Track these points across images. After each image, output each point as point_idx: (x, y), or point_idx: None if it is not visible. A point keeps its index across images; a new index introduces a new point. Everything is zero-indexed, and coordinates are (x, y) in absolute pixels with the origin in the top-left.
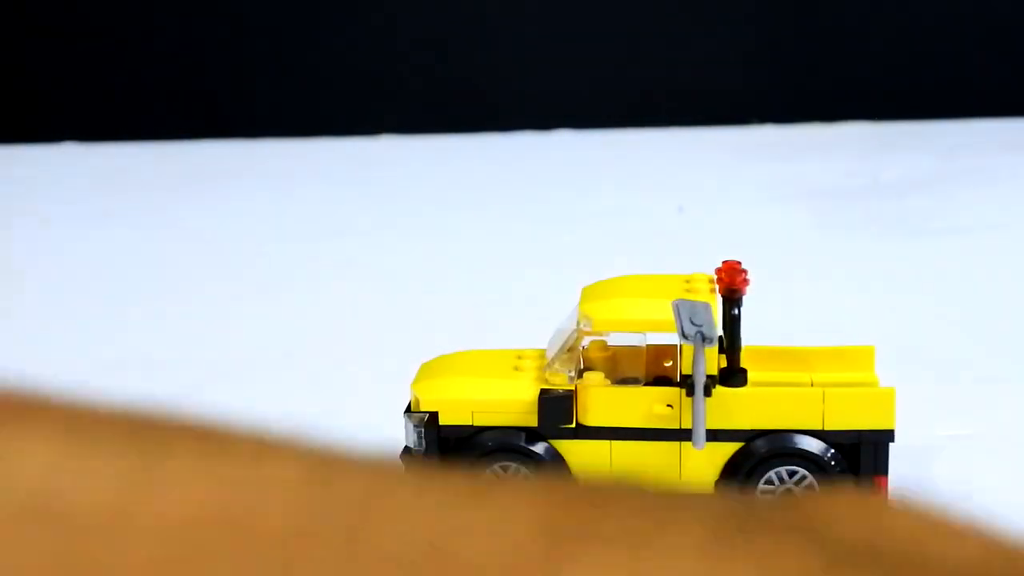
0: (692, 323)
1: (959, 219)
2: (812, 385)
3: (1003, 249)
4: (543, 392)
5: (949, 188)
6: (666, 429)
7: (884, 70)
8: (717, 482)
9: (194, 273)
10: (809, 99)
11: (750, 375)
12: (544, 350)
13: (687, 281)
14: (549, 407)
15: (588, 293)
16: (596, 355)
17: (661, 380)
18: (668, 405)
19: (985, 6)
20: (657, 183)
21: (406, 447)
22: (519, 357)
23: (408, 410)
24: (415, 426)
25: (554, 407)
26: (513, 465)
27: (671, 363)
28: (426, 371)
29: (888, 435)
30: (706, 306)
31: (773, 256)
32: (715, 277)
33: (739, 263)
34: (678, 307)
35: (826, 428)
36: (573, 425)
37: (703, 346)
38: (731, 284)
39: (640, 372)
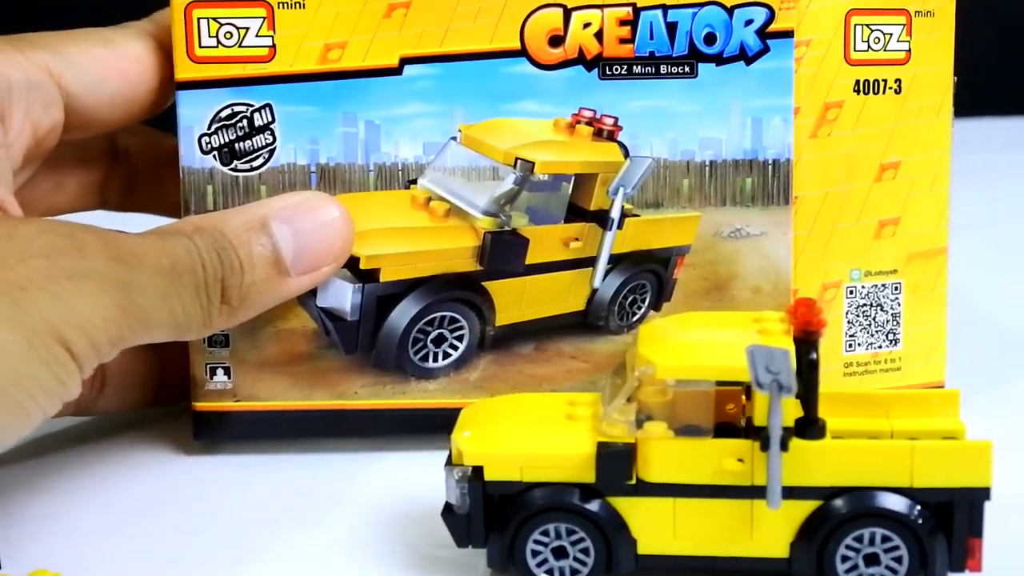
0: (768, 371)
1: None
2: (894, 435)
3: None
4: (601, 445)
5: None
6: (737, 486)
7: None
8: (793, 544)
9: None
10: None
11: (828, 425)
12: (599, 395)
13: (756, 320)
14: (608, 462)
15: (648, 334)
16: (655, 400)
17: (726, 427)
18: (739, 460)
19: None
20: None
21: (447, 504)
22: (571, 403)
23: (449, 462)
24: (457, 481)
25: (614, 462)
26: (566, 526)
27: (734, 407)
28: (470, 419)
29: (984, 493)
30: (785, 353)
31: None
32: (787, 317)
33: (814, 301)
34: (753, 353)
35: (915, 486)
36: (633, 482)
37: (779, 396)
38: (807, 324)
39: (706, 419)
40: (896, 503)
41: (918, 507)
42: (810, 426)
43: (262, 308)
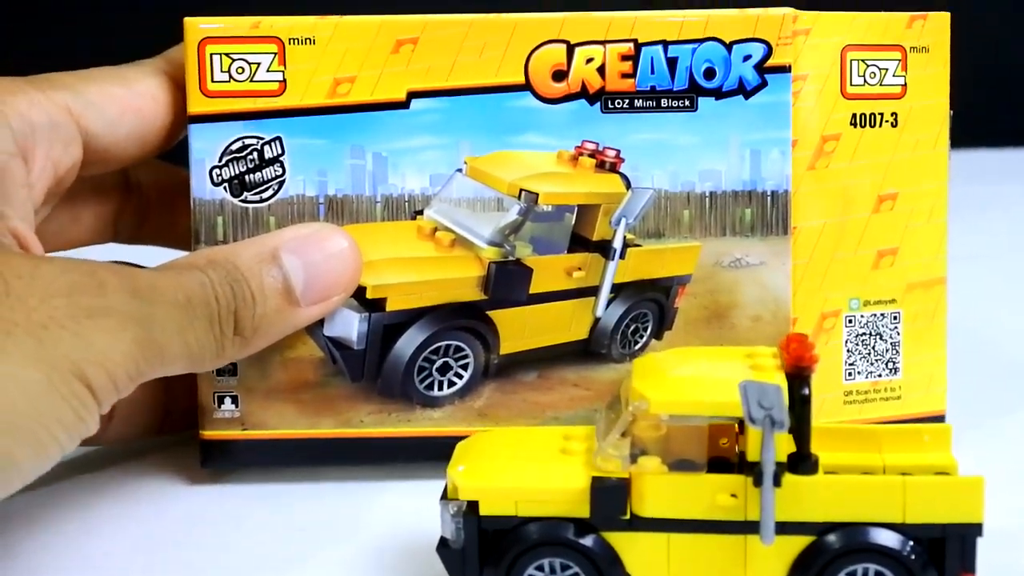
0: (761, 406)
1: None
2: (886, 470)
3: None
4: (595, 480)
5: None
6: (730, 521)
7: None
8: None
9: None
10: None
11: (821, 460)
12: (593, 429)
13: (749, 356)
14: (603, 497)
15: (641, 369)
16: (649, 435)
17: (720, 462)
18: (732, 495)
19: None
20: None
21: (442, 538)
22: (566, 438)
23: (444, 497)
24: (452, 516)
25: (608, 497)
26: (560, 560)
27: (727, 442)
28: (464, 453)
29: (976, 529)
30: (777, 388)
31: None
32: (779, 352)
33: (806, 336)
34: (746, 389)
35: (907, 521)
36: (627, 516)
37: (772, 431)
38: (799, 360)
39: (700, 454)
40: (889, 539)
41: (911, 542)
42: (803, 461)
43: (274, 338)
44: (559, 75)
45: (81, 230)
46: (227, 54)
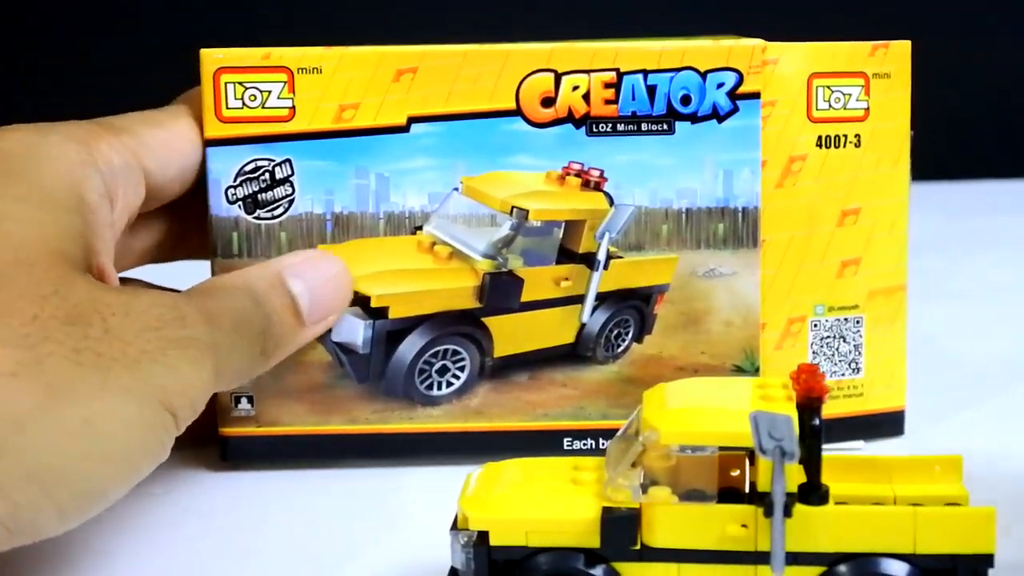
0: (771, 437)
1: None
2: (896, 500)
3: None
4: (606, 511)
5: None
6: (741, 552)
7: None
8: None
9: None
10: None
11: (831, 490)
12: (603, 459)
13: (760, 386)
14: (613, 527)
15: (651, 400)
16: (659, 464)
17: (730, 492)
18: (743, 525)
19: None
20: None
21: (452, 568)
22: (576, 468)
23: (454, 527)
24: (463, 546)
25: (618, 527)
26: None
27: (738, 472)
28: (474, 483)
29: (987, 560)
30: (788, 419)
31: None
32: (790, 382)
33: (816, 367)
34: (756, 419)
35: (918, 552)
36: (638, 547)
37: (783, 462)
38: (809, 391)
39: (710, 485)
40: (899, 569)
41: (921, 573)
42: (813, 492)
43: (285, 355)
44: (547, 101)
45: (132, 259)
46: (240, 83)
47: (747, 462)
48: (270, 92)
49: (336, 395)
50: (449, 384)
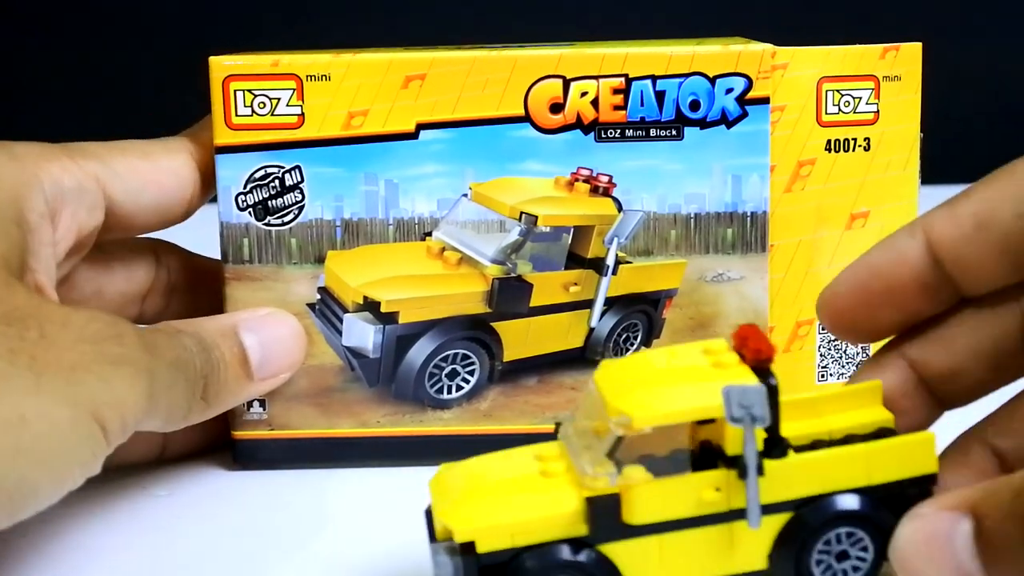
0: (741, 406)
1: None
2: (832, 434)
3: None
4: (590, 500)
5: None
6: (716, 513)
7: None
8: (771, 555)
9: None
10: None
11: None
12: (561, 443)
13: (705, 352)
14: (600, 513)
15: (608, 382)
16: (628, 445)
17: (703, 448)
18: (716, 489)
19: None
20: None
21: None
22: (539, 458)
23: (433, 539)
24: (450, 559)
25: (605, 512)
26: None
27: (704, 433)
28: (442, 491)
29: (932, 479)
30: (760, 390)
31: None
32: (731, 343)
33: (756, 327)
34: (728, 393)
35: (872, 483)
36: (619, 526)
37: (753, 427)
38: (758, 353)
39: (682, 442)
40: (859, 503)
41: (877, 502)
42: (775, 446)
43: (227, 407)
44: (556, 107)
45: (104, 305)
46: (250, 90)
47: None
48: (279, 99)
49: (347, 399)
50: (459, 388)
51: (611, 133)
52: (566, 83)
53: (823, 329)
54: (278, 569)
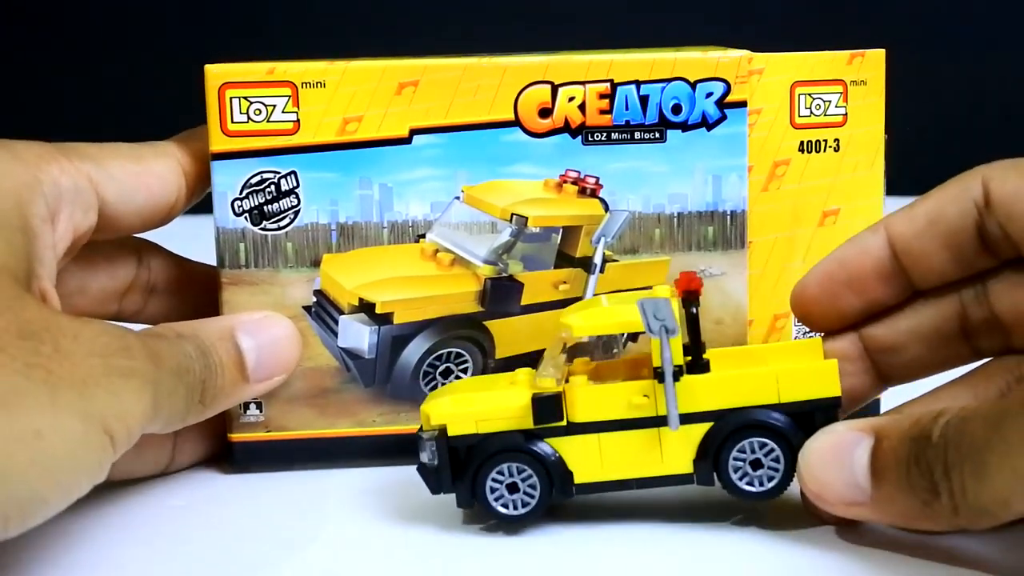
0: (656, 318)
1: None
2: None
3: None
4: (535, 395)
5: None
6: (646, 417)
7: None
8: (695, 461)
9: None
10: None
11: (715, 367)
12: (533, 369)
13: (651, 293)
14: (542, 406)
15: (568, 310)
16: (581, 369)
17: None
18: (644, 395)
19: None
20: None
21: (419, 462)
22: (514, 375)
23: (420, 430)
24: (426, 441)
25: (546, 405)
26: (516, 465)
27: (646, 372)
28: (433, 396)
29: (836, 401)
30: (666, 301)
31: None
32: (674, 286)
33: (694, 272)
34: (643, 305)
35: (782, 401)
36: (564, 423)
37: (668, 337)
38: (688, 287)
39: (619, 377)
40: (769, 416)
41: (787, 417)
42: (698, 365)
43: (222, 409)
44: (545, 112)
45: (87, 301)
46: (245, 97)
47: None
48: (275, 106)
49: (343, 399)
50: None
51: (598, 136)
52: (554, 89)
53: (798, 321)
54: (287, 569)
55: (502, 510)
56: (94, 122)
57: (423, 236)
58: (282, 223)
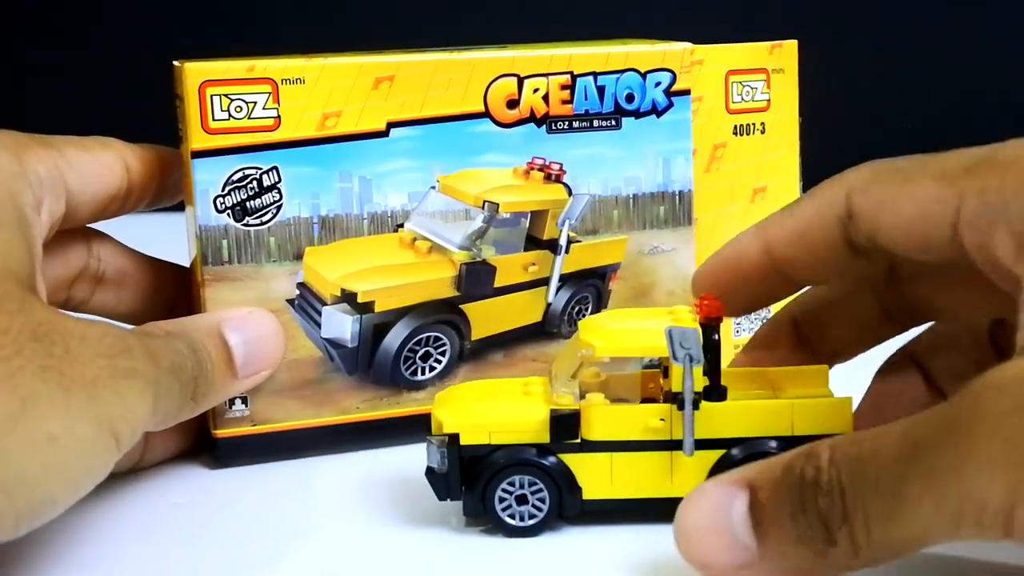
0: (682, 346)
1: None
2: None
3: None
4: (553, 411)
5: None
6: (659, 440)
7: None
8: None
9: None
10: None
11: (731, 393)
12: (547, 378)
13: (670, 313)
14: (560, 424)
15: (587, 325)
16: (592, 381)
17: (649, 400)
18: (661, 419)
19: None
20: None
21: (428, 467)
22: (526, 384)
23: (429, 433)
24: (437, 447)
25: (564, 424)
26: (527, 478)
27: (654, 386)
28: (444, 399)
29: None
30: (695, 332)
31: None
32: (694, 308)
33: (715, 296)
34: (670, 333)
35: (795, 434)
36: (578, 440)
37: (691, 366)
38: (710, 312)
39: (633, 395)
40: (778, 447)
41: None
42: (714, 391)
43: (212, 405)
44: (512, 103)
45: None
46: (226, 95)
47: (661, 376)
48: (255, 103)
49: (327, 388)
50: (432, 368)
51: (560, 125)
52: (520, 81)
53: None
54: (287, 556)
55: (509, 521)
56: (57, 121)
57: (401, 226)
58: (264, 218)
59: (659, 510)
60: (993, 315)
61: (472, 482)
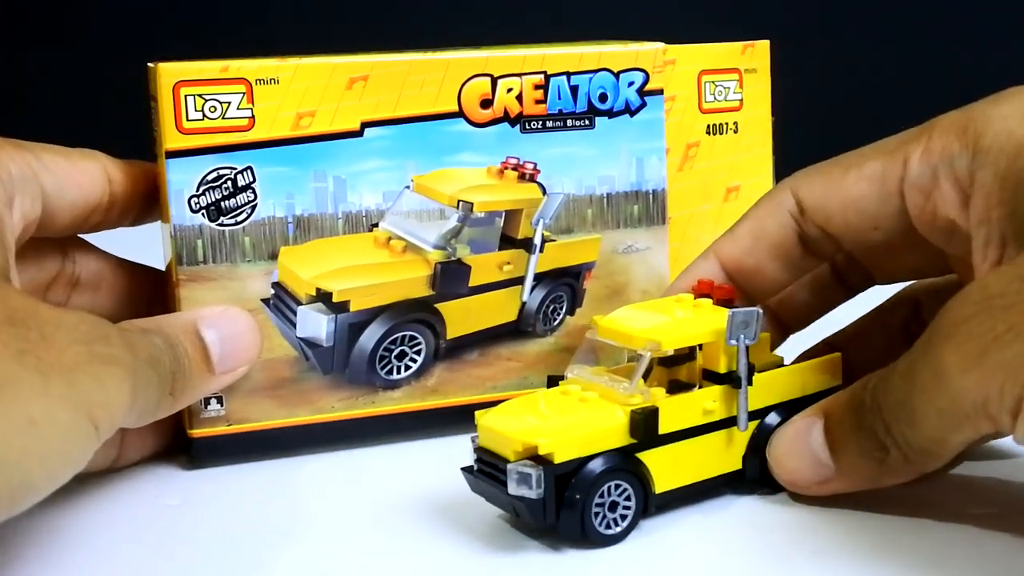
0: (744, 323)
1: None
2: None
3: None
4: (635, 412)
5: None
6: (714, 422)
7: None
8: (744, 456)
9: None
10: None
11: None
12: (582, 379)
13: (679, 302)
14: (646, 422)
15: (620, 324)
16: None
17: (677, 384)
18: (714, 401)
19: None
20: None
21: (514, 496)
22: (567, 393)
23: (507, 462)
24: (529, 473)
25: (649, 422)
26: (615, 483)
27: (684, 373)
28: (502, 423)
29: (841, 385)
30: (756, 311)
31: None
32: (695, 294)
33: (712, 281)
34: (733, 315)
35: (806, 394)
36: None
37: (747, 345)
38: (728, 294)
39: (692, 378)
40: (796, 408)
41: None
42: (749, 368)
43: (190, 402)
44: (486, 103)
45: None
46: (200, 95)
47: (692, 357)
48: (230, 103)
49: (302, 388)
50: (407, 367)
51: (534, 125)
52: (494, 81)
53: None
54: (269, 557)
55: (606, 532)
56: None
57: (376, 225)
58: (239, 218)
59: (718, 486)
60: (923, 276)
61: (570, 502)
